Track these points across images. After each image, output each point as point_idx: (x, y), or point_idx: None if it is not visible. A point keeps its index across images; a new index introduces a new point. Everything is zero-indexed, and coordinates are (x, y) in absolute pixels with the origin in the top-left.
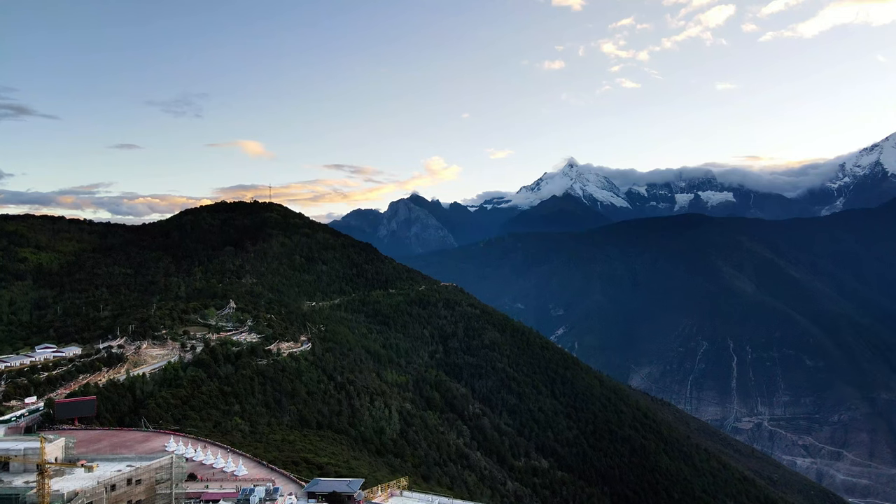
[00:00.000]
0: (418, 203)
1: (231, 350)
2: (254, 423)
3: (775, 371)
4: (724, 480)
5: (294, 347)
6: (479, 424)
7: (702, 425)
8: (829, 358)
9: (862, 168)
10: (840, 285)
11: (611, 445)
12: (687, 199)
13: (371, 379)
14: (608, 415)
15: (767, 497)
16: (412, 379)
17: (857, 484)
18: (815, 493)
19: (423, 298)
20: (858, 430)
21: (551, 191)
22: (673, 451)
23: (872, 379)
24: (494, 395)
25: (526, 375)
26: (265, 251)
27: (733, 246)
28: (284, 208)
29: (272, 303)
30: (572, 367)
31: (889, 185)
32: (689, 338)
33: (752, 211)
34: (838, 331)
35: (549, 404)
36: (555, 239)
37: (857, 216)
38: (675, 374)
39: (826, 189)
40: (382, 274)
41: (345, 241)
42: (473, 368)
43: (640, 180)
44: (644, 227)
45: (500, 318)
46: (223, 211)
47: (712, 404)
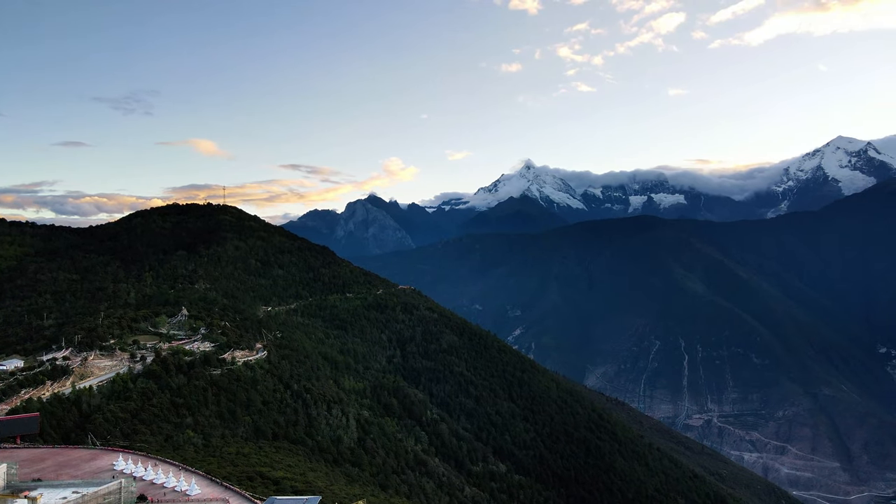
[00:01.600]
0: (376, 204)
1: (183, 360)
2: (207, 435)
3: (724, 369)
4: (676, 479)
5: (249, 355)
6: (437, 430)
7: (655, 424)
8: (774, 356)
9: (805, 172)
10: (785, 285)
11: (567, 447)
12: (640, 201)
13: (328, 386)
14: (564, 417)
15: (717, 494)
16: (370, 385)
17: (801, 477)
18: (761, 488)
19: (381, 302)
20: (802, 425)
21: (509, 192)
22: (627, 452)
23: (815, 376)
24: (452, 400)
25: (483, 379)
26: (219, 255)
27: (684, 247)
28: (239, 211)
29: (227, 309)
30: (529, 370)
31: (830, 188)
32: (642, 337)
33: (702, 213)
34: (783, 329)
35: (507, 407)
36: (512, 240)
37: (801, 218)
38: (629, 373)
39: (772, 192)
40: (340, 277)
41: (301, 245)
42: (431, 373)
43: (595, 182)
44: (599, 229)
45: (458, 321)
46: (175, 213)
47: (665, 402)
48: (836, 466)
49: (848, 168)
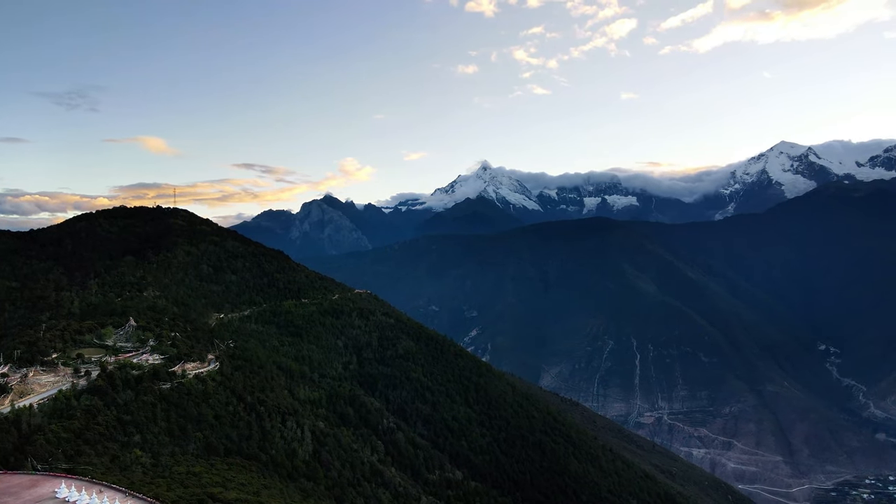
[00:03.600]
0: (332, 204)
1: (131, 374)
2: (156, 454)
3: (674, 367)
4: (628, 479)
5: (200, 367)
6: (393, 439)
7: (607, 423)
8: (722, 354)
9: (750, 175)
10: (732, 285)
11: (522, 451)
12: (595, 202)
13: (283, 397)
14: (520, 421)
15: (667, 493)
16: (325, 394)
17: (746, 471)
18: (708, 484)
19: (337, 308)
20: (747, 421)
21: (465, 193)
22: (581, 454)
23: (760, 373)
24: (409, 406)
25: (440, 384)
26: (169, 261)
27: (637, 248)
28: (190, 214)
29: (177, 318)
30: (486, 375)
31: (774, 191)
32: (596, 337)
33: (654, 214)
34: (730, 328)
35: (463, 412)
36: (469, 241)
37: (746, 220)
38: (583, 372)
39: (719, 195)
40: (295, 283)
41: (255, 250)
42: (388, 379)
43: (550, 184)
44: (555, 230)
45: (414, 326)
46: (123, 216)
47: (617, 401)
48: (779, 460)
49: (790, 172)
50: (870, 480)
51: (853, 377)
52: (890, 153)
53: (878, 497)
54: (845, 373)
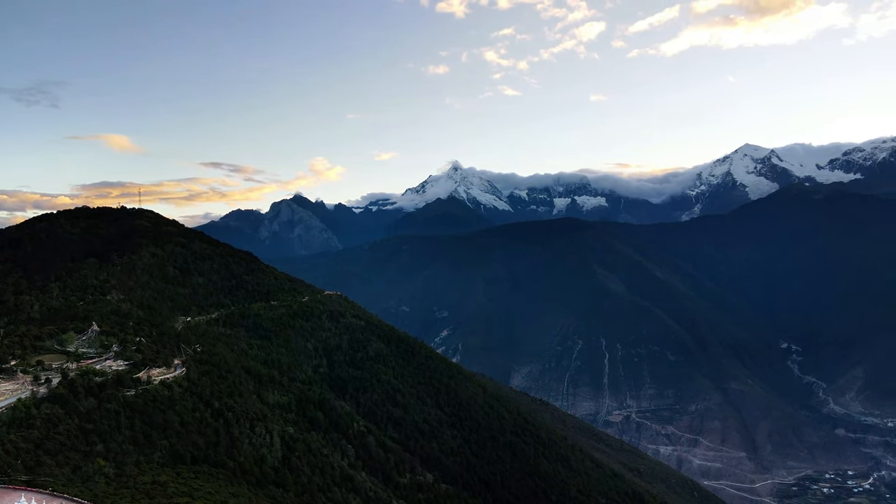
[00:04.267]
0: (302, 204)
1: (94, 381)
2: (120, 464)
3: (642, 366)
4: (597, 479)
5: (167, 373)
6: (364, 443)
7: (577, 422)
8: (688, 353)
9: (716, 177)
10: (698, 285)
11: (493, 452)
12: (564, 203)
13: (252, 402)
14: (491, 422)
15: (635, 491)
16: (295, 399)
17: (711, 467)
18: (675, 481)
19: (307, 310)
20: (712, 418)
21: (436, 193)
22: (551, 454)
23: (724, 371)
24: (380, 409)
25: (411, 387)
26: (134, 263)
27: (606, 248)
28: (156, 214)
29: (142, 322)
30: (457, 376)
31: (738, 193)
32: (566, 337)
33: (622, 215)
34: (696, 327)
35: (434, 414)
36: (440, 241)
37: (712, 221)
38: (553, 372)
39: (686, 196)
40: (264, 285)
41: (223, 251)
42: (358, 382)
43: (521, 184)
44: (525, 230)
45: (385, 328)
46: (85, 217)
47: (587, 399)
48: (743, 456)
49: (754, 174)
50: (829, 475)
51: (814, 375)
52: (849, 156)
53: (837, 491)
54: (806, 370)
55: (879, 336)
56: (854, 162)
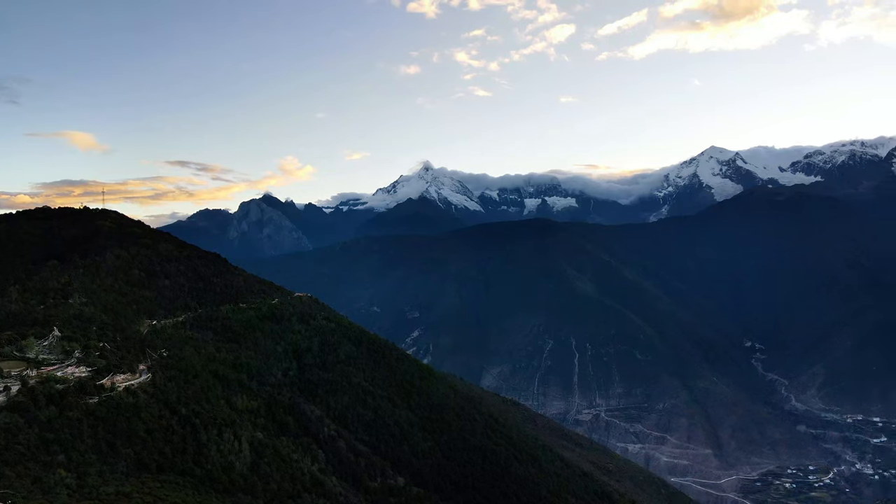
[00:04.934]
0: (271, 204)
1: (55, 388)
2: (82, 474)
3: (611, 365)
4: (567, 478)
5: (131, 379)
6: (334, 447)
7: (547, 422)
8: (656, 352)
9: (683, 179)
10: (665, 285)
11: (464, 454)
12: (535, 203)
13: (220, 407)
14: (462, 423)
15: (604, 490)
16: (264, 403)
17: (678, 464)
18: (643, 479)
19: (277, 312)
20: (679, 416)
21: (407, 193)
22: (522, 455)
23: (691, 370)
24: (350, 412)
25: (382, 389)
26: (97, 265)
27: (576, 249)
28: (121, 215)
29: (106, 327)
30: (427, 378)
31: (704, 194)
32: (536, 336)
33: (592, 216)
34: (664, 327)
35: (405, 417)
36: (411, 241)
37: (679, 222)
38: (524, 371)
39: (654, 197)
40: (233, 286)
41: (191, 253)
42: (329, 385)
43: (492, 185)
44: (496, 231)
45: (356, 330)
46: (46, 218)
47: (557, 399)
48: (709, 453)
49: (719, 176)
50: (791, 470)
51: (776, 372)
52: (810, 159)
53: (799, 486)
54: (769, 368)
55: (838, 334)
56: (815, 164)
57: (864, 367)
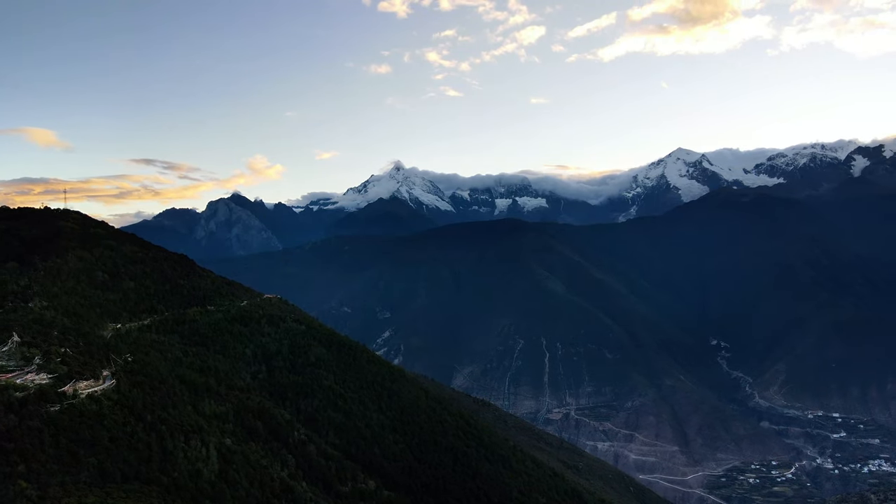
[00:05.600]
0: (240, 203)
1: (14, 396)
2: (43, 485)
3: (581, 364)
4: (538, 478)
5: (94, 385)
6: (304, 451)
7: (518, 422)
8: (624, 351)
9: (651, 180)
10: (633, 285)
11: (436, 456)
12: (506, 204)
13: (187, 413)
14: (433, 425)
15: (574, 489)
16: (232, 408)
17: (646, 462)
18: (612, 477)
19: (246, 315)
20: (647, 414)
21: (378, 193)
22: (492, 456)
23: (659, 368)
24: (321, 415)
25: (353, 391)
26: (59, 268)
27: (546, 249)
28: (83, 216)
29: (67, 332)
30: (399, 380)
31: (671, 195)
32: (507, 336)
33: (562, 216)
34: (632, 326)
35: (377, 419)
36: (382, 241)
37: (647, 223)
38: (495, 371)
39: (623, 198)
40: (200, 289)
41: (157, 254)
42: (299, 388)
43: (463, 185)
44: (467, 231)
45: (326, 332)
46: (5, 219)
47: (527, 398)
48: (676, 450)
49: (686, 177)
50: (755, 466)
51: (741, 370)
52: (773, 161)
53: (762, 481)
54: (734, 366)
55: (799, 333)
56: (777, 167)
57: (823, 364)
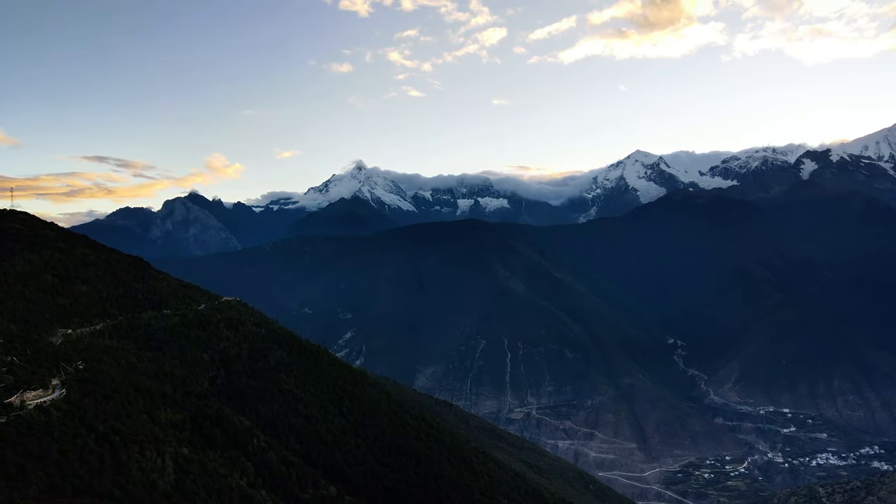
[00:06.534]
0: (197, 202)
1: None
2: None
3: (542, 364)
4: (499, 480)
5: (43, 396)
6: (264, 459)
7: (480, 422)
8: (585, 350)
9: (610, 181)
10: (594, 284)
11: (398, 460)
12: (468, 204)
13: (142, 422)
14: (395, 428)
15: (535, 489)
16: (189, 415)
17: (606, 459)
18: (573, 475)
19: (203, 318)
20: (606, 412)
21: (340, 193)
22: (454, 458)
23: (618, 367)
24: (281, 420)
25: (314, 395)
26: (5, 271)
27: (508, 249)
28: (32, 217)
29: (14, 339)
30: (360, 384)
31: (630, 196)
32: (469, 337)
33: (523, 217)
34: (592, 325)
35: (338, 423)
36: (343, 241)
37: (607, 223)
38: (456, 372)
39: (583, 199)
40: (156, 292)
41: (109, 257)
42: (259, 393)
43: (425, 185)
44: (429, 231)
45: (287, 335)
46: None
47: (489, 398)
48: (634, 447)
49: (644, 179)
50: (710, 461)
51: (696, 368)
52: (727, 164)
53: (716, 476)
54: (690, 364)
55: (751, 331)
56: (731, 169)
57: (775, 361)
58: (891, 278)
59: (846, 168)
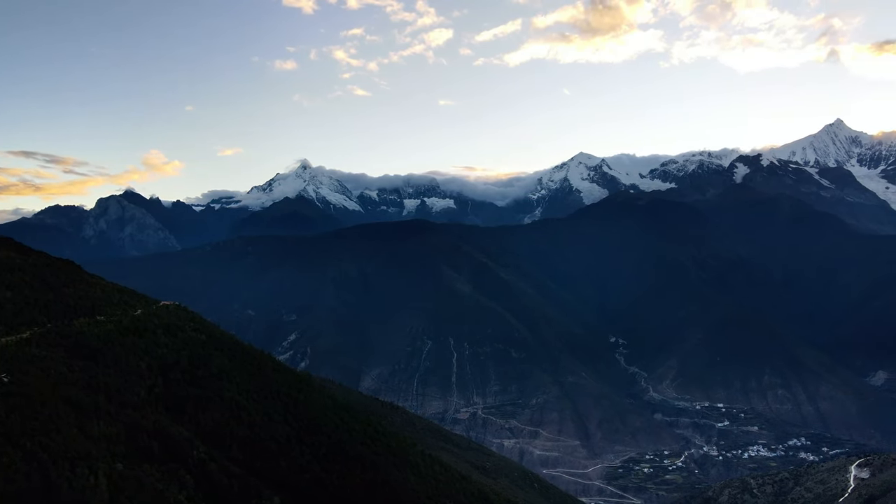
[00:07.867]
0: (134, 201)
1: None
2: None
3: (488, 364)
4: (446, 483)
5: None
6: (205, 471)
7: (426, 424)
8: (529, 349)
9: (555, 183)
10: (538, 284)
11: (343, 466)
12: (414, 204)
13: (72, 437)
14: (341, 434)
15: (481, 491)
16: (124, 428)
17: (550, 457)
18: (518, 474)
19: (140, 325)
20: (551, 410)
21: (284, 192)
22: (400, 463)
23: (562, 365)
24: (223, 429)
25: (257, 402)
26: None
27: (454, 250)
28: None
29: None
30: (305, 389)
31: (574, 198)
32: (416, 337)
33: (469, 217)
34: (537, 325)
35: (282, 431)
36: (287, 242)
37: (551, 224)
38: (403, 373)
39: (528, 200)
40: (89, 297)
41: (37, 260)
42: (199, 401)
43: (371, 185)
44: (375, 231)
45: (229, 340)
46: None
47: (436, 399)
48: (577, 444)
49: (587, 181)
50: (649, 456)
51: (637, 366)
52: (665, 167)
53: (656, 470)
54: (631, 362)
55: (687, 329)
56: (669, 172)
57: (710, 358)
58: (816, 277)
59: (776, 172)
